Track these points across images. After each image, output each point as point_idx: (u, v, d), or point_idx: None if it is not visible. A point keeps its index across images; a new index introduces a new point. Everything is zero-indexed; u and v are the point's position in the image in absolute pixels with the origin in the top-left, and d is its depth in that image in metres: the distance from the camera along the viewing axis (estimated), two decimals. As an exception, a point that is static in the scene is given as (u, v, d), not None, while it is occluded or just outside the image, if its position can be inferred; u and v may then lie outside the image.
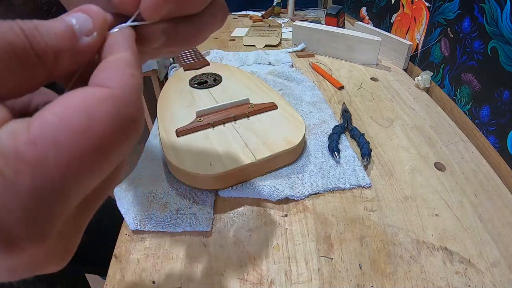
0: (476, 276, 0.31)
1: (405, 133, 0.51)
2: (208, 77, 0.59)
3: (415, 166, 0.44)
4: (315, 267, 0.32)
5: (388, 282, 0.30)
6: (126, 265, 0.32)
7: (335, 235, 0.35)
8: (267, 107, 0.48)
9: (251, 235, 0.35)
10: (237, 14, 1.29)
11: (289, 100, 0.57)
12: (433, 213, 0.37)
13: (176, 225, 0.35)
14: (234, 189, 0.39)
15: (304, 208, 0.38)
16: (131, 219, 0.36)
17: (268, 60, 0.77)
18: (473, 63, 0.53)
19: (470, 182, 0.42)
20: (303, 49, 0.84)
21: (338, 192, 0.40)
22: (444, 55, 0.63)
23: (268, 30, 1.01)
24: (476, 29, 0.52)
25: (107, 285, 0.31)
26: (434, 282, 0.30)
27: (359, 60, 0.77)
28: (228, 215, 0.37)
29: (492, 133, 0.48)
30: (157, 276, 0.31)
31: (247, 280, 0.31)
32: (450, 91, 0.60)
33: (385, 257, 0.33)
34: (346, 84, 0.67)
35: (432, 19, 0.67)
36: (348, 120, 0.52)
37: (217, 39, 0.98)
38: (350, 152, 0.45)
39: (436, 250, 0.33)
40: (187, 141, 0.42)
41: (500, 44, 0.46)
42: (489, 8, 0.48)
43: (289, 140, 0.42)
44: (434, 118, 0.55)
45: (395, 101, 0.60)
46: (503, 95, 0.46)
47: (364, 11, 1.06)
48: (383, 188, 0.41)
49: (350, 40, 0.76)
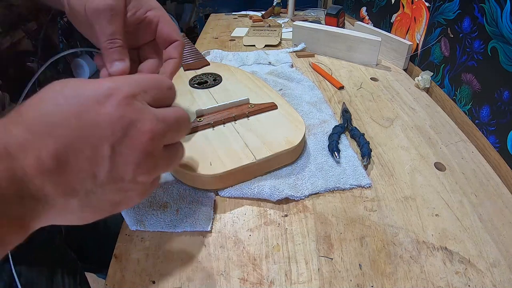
0: (476, 276, 0.31)
1: (405, 133, 0.51)
2: (208, 77, 0.59)
3: (415, 166, 0.44)
4: (315, 267, 0.32)
5: (388, 282, 0.30)
6: (126, 265, 0.32)
7: (335, 235, 0.35)
8: (267, 107, 0.48)
9: (251, 235, 0.35)
10: (237, 14, 1.29)
11: (289, 100, 0.57)
12: (433, 213, 0.37)
13: (176, 225, 0.35)
14: (234, 189, 0.39)
15: (304, 208, 0.38)
16: (131, 219, 0.36)
17: (268, 60, 0.77)
18: (473, 63, 0.53)
19: (470, 182, 0.42)
20: (303, 49, 0.84)
21: (338, 192, 0.40)
22: (444, 55, 0.63)
23: (268, 30, 1.01)
24: (476, 29, 0.52)
25: (107, 285, 0.31)
26: (434, 282, 0.30)
27: (359, 60, 0.77)
28: (228, 215, 0.37)
29: (492, 133, 0.48)
30: (157, 276, 0.31)
31: (247, 280, 0.31)
32: (450, 91, 0.60)
33: (385, 257, 0.33)
34: (346, 84, 0.67)
35: (432, 19, 0.67)
36: (348, 120, 0.52)
37: (217, 39, 0.98)
38: (350, 152, 0.45)
39: (436, 250, 0.33)
40: (187, 141, 0.42)
41: (500, 44, 0.46)
42: (489, 8, 0.48)
43: (289, 140, 0.42)
44: (434, 118, 0.55)
45: (395, 101, 0.60)
46: (503, 95, 0.46)
47: (364, 11, 1.06)
48: (383, 188, 0.41)
49: (350, 40, 0.76)
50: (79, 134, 0.19)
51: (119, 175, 0.21)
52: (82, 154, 0.19)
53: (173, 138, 0.25)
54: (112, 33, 0.29)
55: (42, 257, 0.47)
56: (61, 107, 0.19)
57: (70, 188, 0.20)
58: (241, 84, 0.56)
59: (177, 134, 0.25)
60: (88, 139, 0.19)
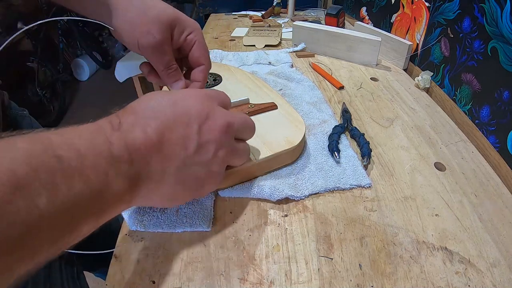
0: (476, 276, 0.31)
1: (405, 133, 0.51)
2: (208, 77, 0.59)
3: (415, 166, 0.44)
4: (315, 267, 0.32)
5: (388, 282, 0.30)
6: (126, 265, 0.32)
7: (335, 235, 0.35)
8: (267, 107, 0.48)
9: (251, 235, 0.35)
10: (237, 14, 1.29)
11: (289, 100, 0.57)
12: (433, 213, 0.37)
13: (176, 225, 0.35)
14: (234, 189, 0.39)
15: (304, 208, 0.38)
16: (131, 219, 0.36)
17: (268, 60, 0.77)
18: (473, 63, 0.53)
19: (470, 182, 0.42)
20: (303, 49, 0.84)
21: (338, 192, 0.40)
22: (444, 55, 0.63)
23: (268, 30, 1.01)
24: (476, 29, 0.52)
25: (107, 285, 0.31)
26: (434, 282, 0.30)
27: (359, 60, 0.77)
28: (228, 215, 0.37)
29: (492, 133, 0.48)
30: (157, 276, 0.31)
31: (247, 280, 0.31)
32: (450, 91, 0.60)
33: (385, 257, 0.33)
34: (346, 84, 0.67)
35: (432, 19, 0.67)
36: (348, 120, 0.52)
37: (217, 39, 0.98)
38: (350, 152, 0.45)
39: (436, 250, 0.33)
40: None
41: (500, 44, 0.46)
42: (489, 8, 0.48)
43: (289, 140, 0.42)
44: (434, 118, 0.55)
45: (395, 101, 0.60)
46: (503, 95, 0.46)
47: (364, 11, 1.06)
48: (383, 188, 0.41)
49: (350, 40, 0.76)
50: (174, 117, 0.26)
51: (204, 148, 0.28)
52: (177, 131, 0.26)
53: (241, 133, 0.33)
54: (167, 62, 0.38)
55: None
56: (161, 101, 0.27)
57: (167, 157, 0.25)
58: (241, 84, 0.56)
59: (244, 131, 0.33)
60: (181, 120, 0.27)
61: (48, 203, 0.16)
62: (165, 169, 0.25)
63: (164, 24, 0.36)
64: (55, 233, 0.18)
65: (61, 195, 0.17)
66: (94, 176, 0.20)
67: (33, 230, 0.16)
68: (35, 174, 0.16)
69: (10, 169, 0.15)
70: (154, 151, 0.24)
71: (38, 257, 0.17)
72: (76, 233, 0.19)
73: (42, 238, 0.17)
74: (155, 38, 0.35)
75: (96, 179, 0.20)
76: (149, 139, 0.24)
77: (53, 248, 0.18)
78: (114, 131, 0.23)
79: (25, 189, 0.16)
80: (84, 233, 0.20)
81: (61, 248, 0.19)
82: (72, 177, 0.18)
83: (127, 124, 0.24)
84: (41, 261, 0.18)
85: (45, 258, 0.18)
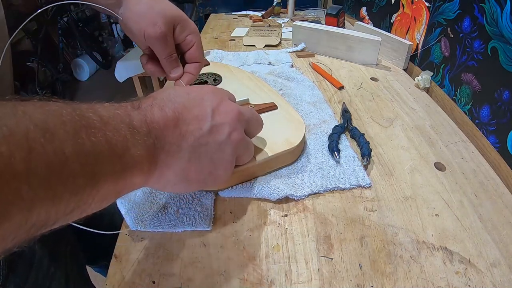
0: (476, 276, 0.31)
1: (405, 133, 0.51)
2: (208, 77, 0.59)
3: (415, 166, 0.44)
4: (315, 267, 0.32)
5: (388, 282, 0.30)
6: (126, 265, 0.32)
7: (335, 235, 0.35)
8: (267, 107, 0.48)
9: (251, 235, 0.35)
10: (237, 14, 1.29)
11: (289, 100, 0.57)
12: (433, 213, 0.37)
13: (176, 225, 0.35)
14: (234, 189, 0.39)
15: (304, 208, 0.38)
16: (131, 219, 0.36)
17: (268, 60, 0.77)
18: (473, 63, 0.53)
19: (470, 182, 0.42)
20: (303, 49, 0.84)
21: (338, 192, 0.40)
22: (444, 55, 0.63)
23: (268, 30, 1.01)
24: (476, 29, 0.52)
25: (107, 285, 0.31)
26: (434, 282, 0.30)
27: (359, 60, 0.77)
28: (228, 215, 0.37)
29: (492, 133, 0.48)
30: (157, 276, 0.31)
31: (247, 280, 0.31)
32: (450, 91, 0.60)
33: (385, 257, 0.33)
34: (346, 84, 0.67)
35: (432, 19, 0.67)
36: (348, 120, 0.52)
37: (217, 39, 0.98)
38: (350, 152, 0.45)
39: (436, 250, 0.33)
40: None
41: (500, 44, 0.46)
42: (489, 8, 0.48)
43: (289, 141, 0.42)
44: (434, 118, 0.55)
45: (395, 101, 0.60)
46: (503, 95, 0.46)
47: (364, 11, 1.06)
48: (383, 188, 0.41)
49: (350, 40, 0.76)
50: (190, 101, 0.29)
51: (218, 129, 0.30)
52: (192, 111, 0.29)
53: (250, 125, 0.35)
54: (169, 52, 0.42)
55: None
56: (177, 90, 0.30)
57: (183, 133, 0.27)
58: (241, 84, 0.56)
59: (252, 123, 0.35)
60: (196, 103, 0.29)
61: (73, 152, 0.18)
62: (181, 144, 0.27)
63: (169, 18, 0.41)
64: (77, 181, 0.19)
65: (85, 148, 0.19)
66: (115, 138, 0.22)
67: (58, 173, 0.17)
68: (63, 126, 0.18)
69: (41, 119, 0.18)
70: (171, 126, 0.27)
71: (57, 205, 0.18)
72: (95, 192, 0.20)
73: (65, 184, 0.18)
74: (161, 29, 0.40)
75: (116, 140, 0.22)
76: (166, 116, 0.27)
77: (72, 201, 0.19)
78: (134, 109, 0.25)
79: (54, 135, 0.18)
80: (101, 196, 0.21)
81: (78, 207, 0.20)
82: (95, 135, 0.20)
83: (146, 105, 0.26)
84: (59, 216, 0.19)
85: (63, 213, 0.19)
